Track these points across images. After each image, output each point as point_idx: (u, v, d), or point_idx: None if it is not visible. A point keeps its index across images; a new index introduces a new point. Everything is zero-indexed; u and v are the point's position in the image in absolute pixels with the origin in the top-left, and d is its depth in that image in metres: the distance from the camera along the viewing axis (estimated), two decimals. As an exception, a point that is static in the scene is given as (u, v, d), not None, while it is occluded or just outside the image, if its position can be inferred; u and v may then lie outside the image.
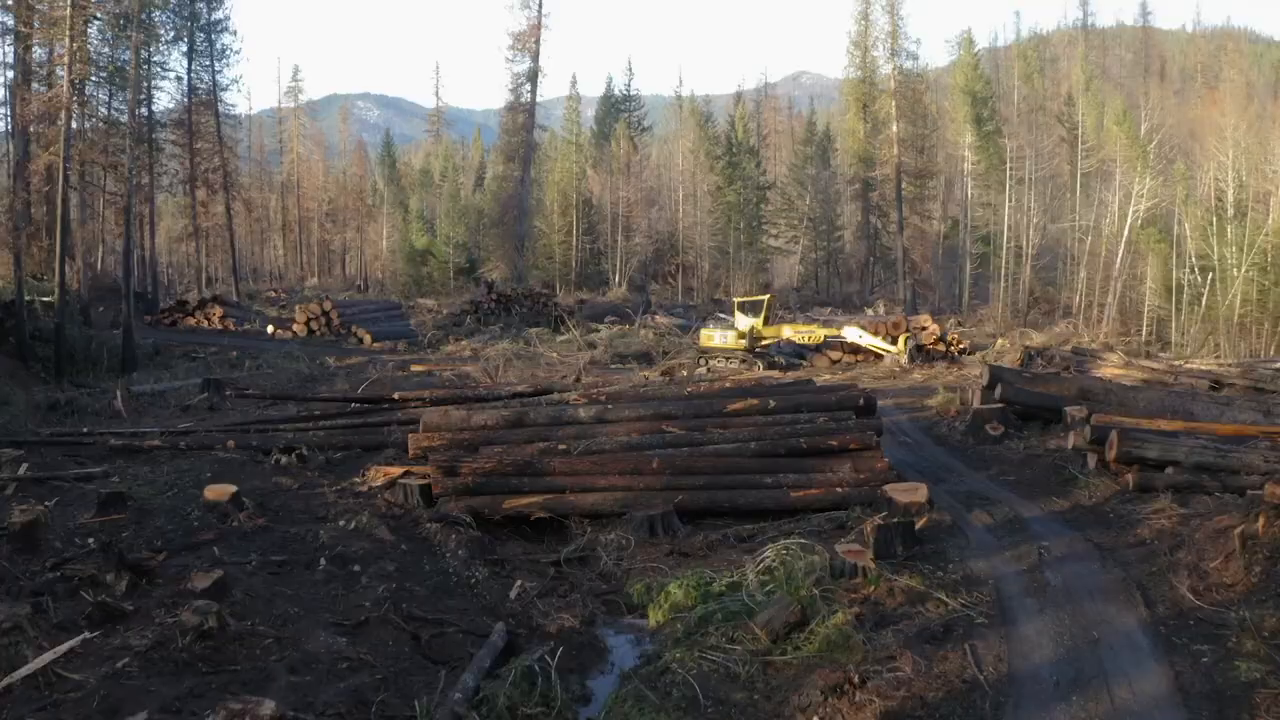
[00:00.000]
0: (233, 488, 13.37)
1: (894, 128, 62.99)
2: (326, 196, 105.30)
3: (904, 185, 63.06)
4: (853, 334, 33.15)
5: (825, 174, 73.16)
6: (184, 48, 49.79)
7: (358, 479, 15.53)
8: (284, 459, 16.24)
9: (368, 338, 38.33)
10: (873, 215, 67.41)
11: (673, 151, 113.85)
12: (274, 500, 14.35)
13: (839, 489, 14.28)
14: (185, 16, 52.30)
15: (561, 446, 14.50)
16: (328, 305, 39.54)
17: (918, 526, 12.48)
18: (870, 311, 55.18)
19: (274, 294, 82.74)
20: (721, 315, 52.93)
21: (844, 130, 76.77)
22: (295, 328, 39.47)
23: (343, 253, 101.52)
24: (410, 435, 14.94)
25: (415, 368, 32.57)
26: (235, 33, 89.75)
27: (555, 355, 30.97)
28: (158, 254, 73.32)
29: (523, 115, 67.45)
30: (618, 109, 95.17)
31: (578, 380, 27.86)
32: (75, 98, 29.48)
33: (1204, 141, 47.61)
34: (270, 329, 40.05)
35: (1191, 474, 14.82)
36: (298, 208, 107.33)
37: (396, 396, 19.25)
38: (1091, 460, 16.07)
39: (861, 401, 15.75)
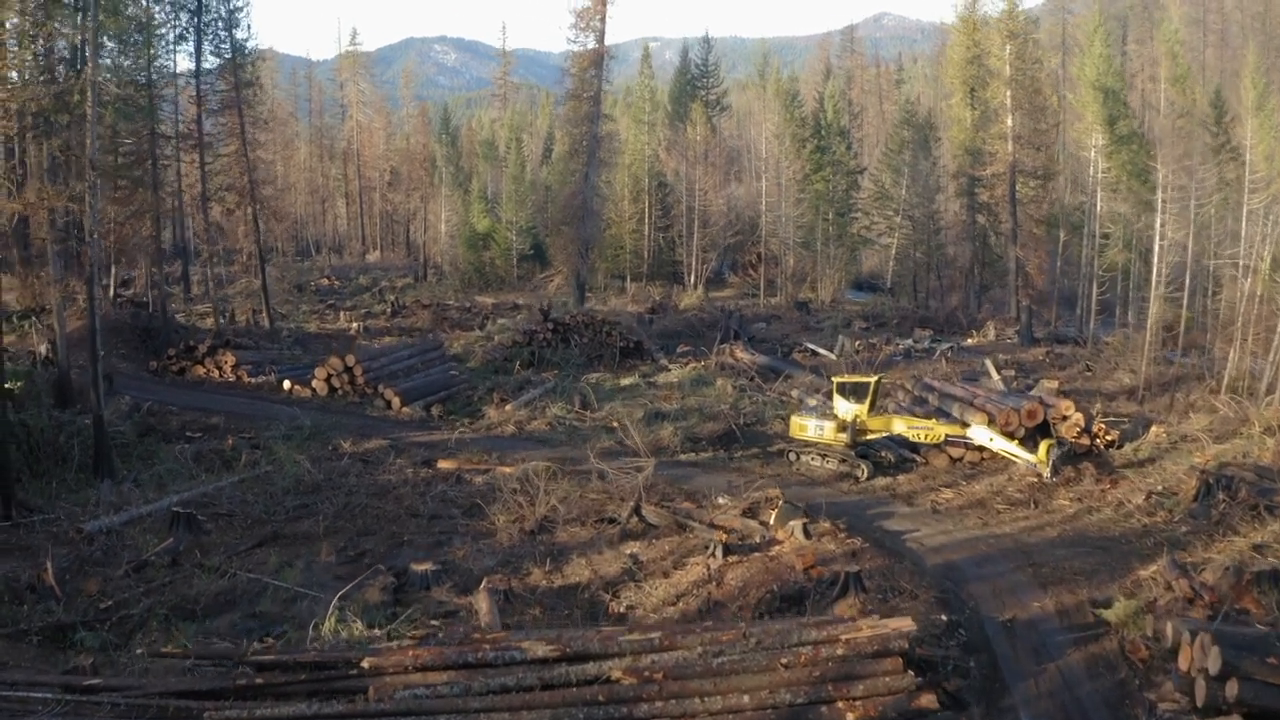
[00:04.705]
0: None
1: (1009, 121, 55.36)
2: (388, 165, 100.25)
3: (1018, 186, 55.57)
4: (981, 436, 26.67)
5: (925, 164, 65.57)
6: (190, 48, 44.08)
7: None
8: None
9: (396, 400, 32.89)
10: (980, 214, 59.99)
11: (751, 105, 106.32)
12: None
13: None
14: (191, 10, 46.58)
15: None
16: (351, 361, 34.10)
17: None
18: (979, 339, 48.40)
19: (327, 281, 77.66)
20: (810, 345, 46.74)
21: (948, 117, 68.98)
22: (315, 384, 34.25)
23: (406, 222, 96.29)
24: None
25: (442, 464, 27.21)
26: (250, 27, 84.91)
27: (609, 467, 25.19)
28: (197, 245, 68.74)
29: (587, 105, 60.35)
30: (694, 86, 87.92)
31: (635, 515, 22.34)
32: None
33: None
34: (287, 384, 34.86)
35: None
36: (359, 178, 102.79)
37: (366, 664, 13.64)
38: None
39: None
